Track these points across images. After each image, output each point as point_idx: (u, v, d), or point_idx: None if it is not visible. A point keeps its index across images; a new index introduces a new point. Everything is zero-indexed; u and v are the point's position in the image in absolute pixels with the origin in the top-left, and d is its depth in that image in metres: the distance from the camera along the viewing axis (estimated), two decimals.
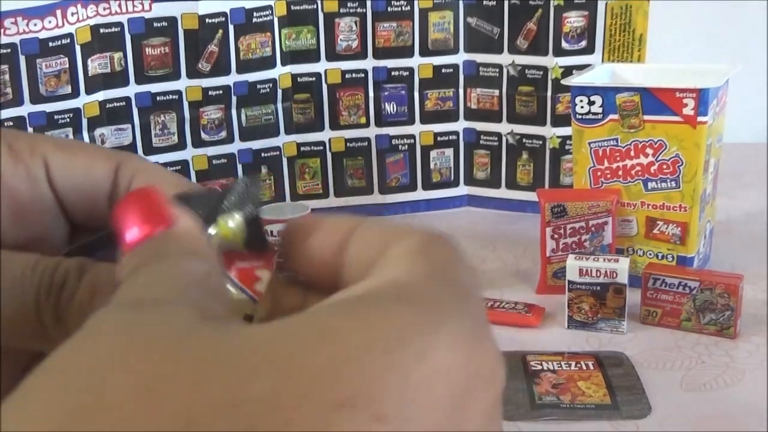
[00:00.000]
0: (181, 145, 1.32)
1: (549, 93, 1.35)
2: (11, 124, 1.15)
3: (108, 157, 0.31)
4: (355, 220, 0.27)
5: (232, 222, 0.29)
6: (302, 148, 1.42)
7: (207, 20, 1.29)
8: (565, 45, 1.33)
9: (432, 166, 1.45)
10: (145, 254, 0.25)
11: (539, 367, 0.93)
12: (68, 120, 1.20)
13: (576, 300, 1.03)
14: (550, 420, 0.85)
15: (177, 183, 0.31)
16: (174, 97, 1.30)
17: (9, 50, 1.13)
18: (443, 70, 1.41)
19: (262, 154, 1.39)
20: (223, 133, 1.35)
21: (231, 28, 1.31)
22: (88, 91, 1.22)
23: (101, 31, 1.22)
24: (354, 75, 1.40)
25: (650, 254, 1.12)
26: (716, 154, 1.16)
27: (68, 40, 1.17)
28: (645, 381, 0.90)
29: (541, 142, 1.38)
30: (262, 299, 0.28)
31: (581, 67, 1.29)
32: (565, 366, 0.93)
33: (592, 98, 1.10)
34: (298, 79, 1.39)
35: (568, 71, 1.31)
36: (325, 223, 0.28)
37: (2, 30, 1.12)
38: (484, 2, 1.37)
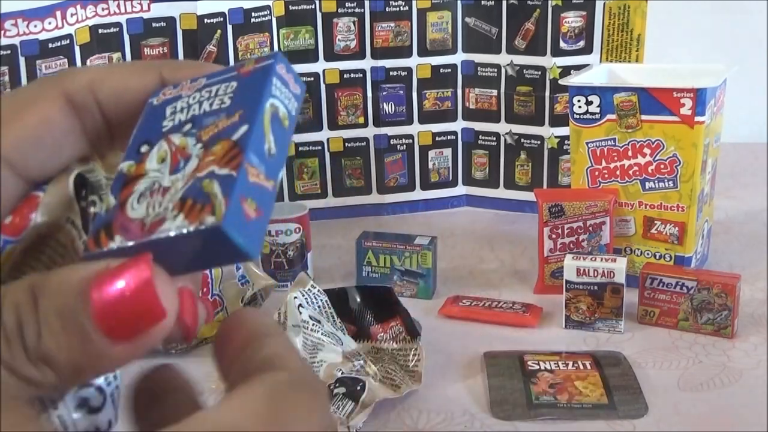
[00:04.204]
0: None
1: (547, 93, 1.35)
2: None
3: (150, 69, 0.33)
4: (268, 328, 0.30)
5: None
6: (300, 148, 1.42)
7: (205, 20, 1.30)
8: (563, 45, 1.33)
9: (430, 165, 1.46)
10: None
11: (536, 367, 0.93)
12: None
13: (573, 300, 1.03)
14: (547, 420, 0.85)
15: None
16: None
17: (9, 52, 1.13)
18: (441, 70, 1.42)
19: None
20: None
21: (229, 28, 1.31)
22: None
23: (100, 31, 1.22)
24: (352, 75, 1.41)
25: (648, 254, 1.13)
26: (714, 153, 1.16)
27: (68, 41, 1.18)
28: (642, 381, 0.91)
29: (539, 142, 1.39)
30: None
31: (579, 67, 1.29)
32: (563, 366, 0.93)
33: (590, 98, 1.10)
34: None
35: (566, 71, 1.31)
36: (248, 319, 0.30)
37: (2, 32, 1.12)
38: (483, 2, 1.37)
